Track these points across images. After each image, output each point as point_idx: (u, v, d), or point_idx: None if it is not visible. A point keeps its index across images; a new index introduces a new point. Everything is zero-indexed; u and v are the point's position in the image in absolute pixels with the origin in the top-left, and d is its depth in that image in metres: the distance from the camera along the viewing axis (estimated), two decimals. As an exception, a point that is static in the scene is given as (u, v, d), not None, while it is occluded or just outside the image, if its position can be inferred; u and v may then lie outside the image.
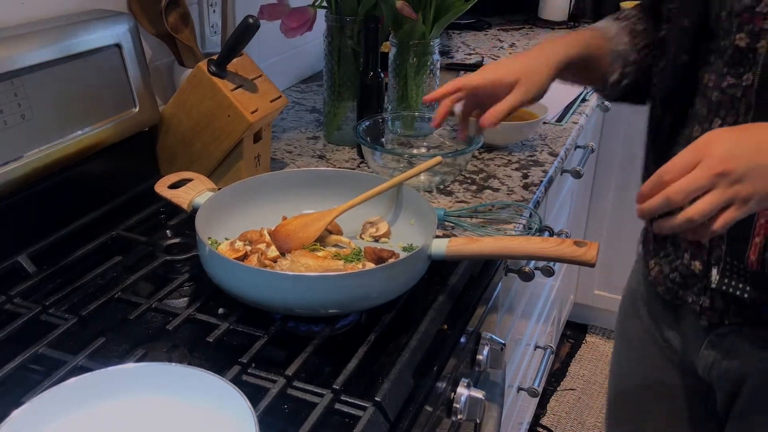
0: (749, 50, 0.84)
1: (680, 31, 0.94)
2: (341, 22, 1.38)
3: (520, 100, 0.97)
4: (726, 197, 0.71)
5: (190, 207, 0.98)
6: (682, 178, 0.72)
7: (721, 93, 0.87)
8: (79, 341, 0.84)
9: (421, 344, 0.85)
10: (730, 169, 0.71)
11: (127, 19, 1.14)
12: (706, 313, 0.94)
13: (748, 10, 0.84)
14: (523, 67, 0.98)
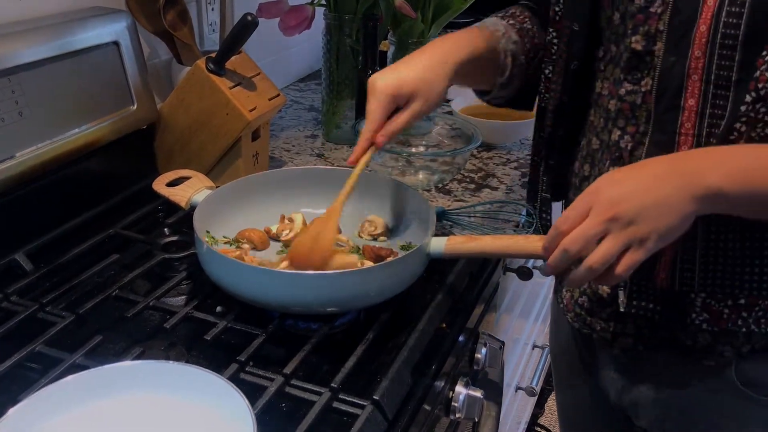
0: (646, 53, 0.81)
1: (570, 37, 0.91)
2: (340, 20, 1.38)
3: (418, 113, 0.91)
4: (622, 241, 0.72)
5: (187, 205, 0.98)
6: (576, 227, 0.73)
7: (619, 101, 0.85)
8: (76, 339, 0.83)
9: (420, 343, 0.85)
10: (620, 212, 0.71)
11: (125, 17, 1.13)
12: (618, 340, 0.92)
13: (642, 11, 0.81)
14: (420, 77, 0.90)
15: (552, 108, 0.95)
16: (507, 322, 1.46)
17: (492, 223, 1.16)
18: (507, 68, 1.01)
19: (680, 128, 0.80)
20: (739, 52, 0.74)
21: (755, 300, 0.83)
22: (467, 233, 1.13)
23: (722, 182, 0.71)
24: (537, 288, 1.83)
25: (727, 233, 0.81)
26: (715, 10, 0.74)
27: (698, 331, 0.86)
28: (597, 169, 0.90)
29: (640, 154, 0.84)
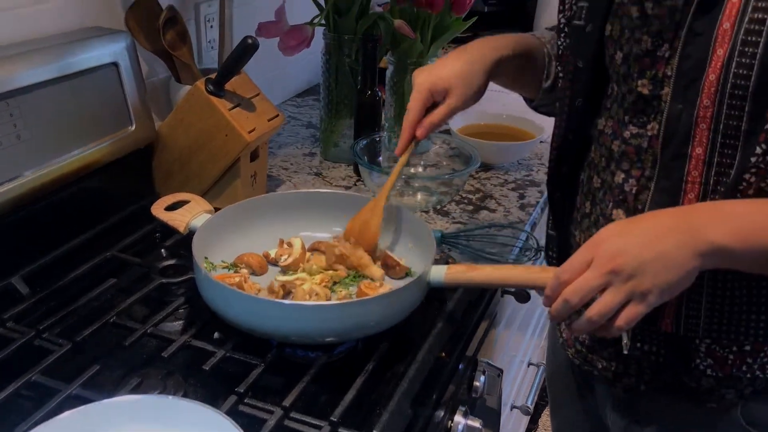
0: (653, 97, 0.80)
1: (574, 74, 0.91)
2: (339, 40, 1.38)
3: (454, 108, 0.94)
4: (622, 295, 0.72)
5: (186, 230, 0.98)
6: (577, 279, 0.73)
7: (624, 143, 0.84)
8: (73, 368, 0.83)
9: (419, 374, 0.84)
10: (622, 265, 0.71)
11: (125, 37, 1.13)
12: (620, 380, 0.92)
13: (649, 54, 0.80)
14: (458, 72, 0.93)
15: (556, 146, 0.95)
16: (504, 340, 1.45)
17: (490, 247, 1.16)
18: (552, 72, 1.02)
19: (687, 176, 0.78)
20: (749, 104, 0.73)
21: (761, 346, 0.83)
22: (465, 258, 1.13)
23: (726, 239, 0.71)
24: (533, 305, 1.83)
25: (733, 281, 0.80)
26: (725, 60, 0.73)
27: (702, 375, 0.85)
28: (599, 209, 0.90)
29: (645, 199, 0.83)
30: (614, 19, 0.86)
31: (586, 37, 0.89)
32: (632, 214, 0.85)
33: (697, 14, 0.76)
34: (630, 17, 0.83)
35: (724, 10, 0.74)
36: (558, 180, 0.97)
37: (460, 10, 1.42)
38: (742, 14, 0.73)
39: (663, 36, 0.79)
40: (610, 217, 0.87)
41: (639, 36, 0.82)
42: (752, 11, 0.72)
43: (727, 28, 0.74)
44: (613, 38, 0.86)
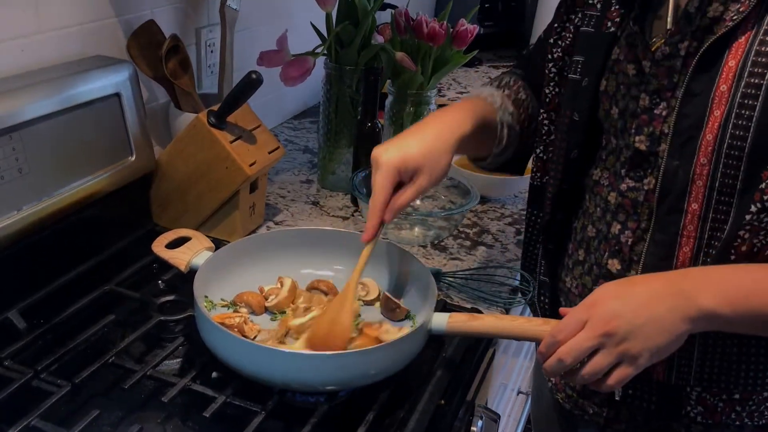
0: (650, 153, 0.82)
1: (569, 126, 0.92)
2: (341, 71, 1.38)
3: (423, 188, 0.90)
4: (613, 357, 0.74)
5: (187, 268, 0.97)
6: (572, 339, 0.75)
7: (620, 195, 0.86)
8: (72, 411, 0.83)
9: (420, 424, 0.84)
10: (614, 329, 0.73)
11: (127, 67, 1.12)
12: (612, 426, 0.93)
13: (647, 111, 0.82)
14: (424, 152, 0.89)
15: (551, 195, 0.96)
16: (498, 367, 1.46)
17: (488, 287, 1.17)
18: (504, 138, 1.03)
19: (683, 230, 0.81)
20: (744, 163, 0.75)
21: (749, 395, 0.85)
22: (462, 297, 1.13)
23: (716, 305, 0.73)
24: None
25: (724, 333, 0.82)
26: (722, 120, 0.75)
27: (692, 422, 0.88)
28: (593, 257, 0.91)
29: (640, 250, 0.85)
30: (610, 75, 0.88)
31: (582, 91, 0.91)
32: (628, 265, 0.87)
33: (695, 75, 0.78)
34: (626, 74, 0.86)
35: (722, 73, 0.76)
36: (552, 228, 0.98)
37: (460, 43, 1.43)
38: (739, 77, 0.75)
39: (660, 95, 0.81)
40: (605, 266, 0.89)
41: (636, 93, 0.84)
42: (749, 75, 0.74)
43: (724, 90, 0.76)
44: (608, 93, 0.88)
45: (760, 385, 0.84)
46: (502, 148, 1.04)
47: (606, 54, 0.88)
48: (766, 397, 0.86)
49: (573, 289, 0.96)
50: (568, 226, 0.98)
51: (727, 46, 0.76)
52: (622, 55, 0.86)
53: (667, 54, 0.80)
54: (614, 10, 0.88)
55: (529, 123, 1.06)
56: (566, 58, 0.95)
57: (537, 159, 1.01)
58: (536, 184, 1.02)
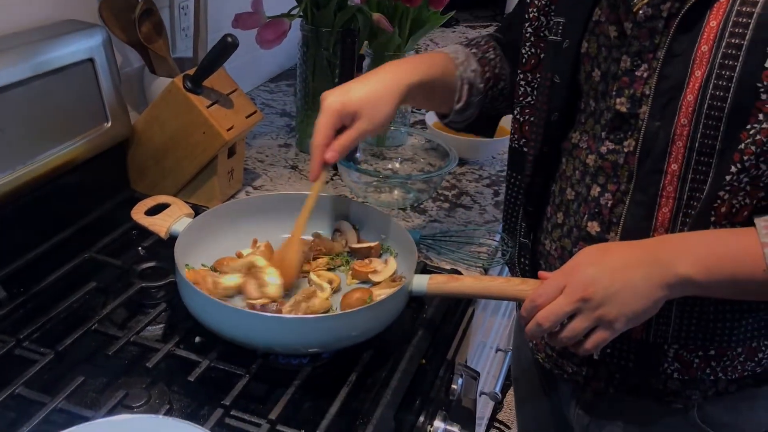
0: (630, 116, 0.83)
1: (550, 89, 0.93)
2: (317, 33, 1.36)
3: (363, 131, 0.90)
4: (590, 322, 0.77)
5: (167, 235, 0.97)
6: (550, 303, 0.78)
7: (600, 158, 0.87)
8: (56, 379, 0.83)
9: (402, 383, 0.86)
10: (590, 294, 0.76)
11: (100, 31, 1.10)
12: (590, 384, 0.96)
13: (627, 73, 0.82)
14: (366, 96, 0.90)
15: (531, 158, 0.97)
16: (477, 324, 1.48)
17: (467, 248, 1.18)
18: (464, 95, 1.03)
19: (662, 191, 0.82)
20: (724, 123, 0.76)
21: (724, 351, 0.88)
22: (443, 258, 1.15)
23: (692, 271, 0.76)
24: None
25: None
26: (703, 80, 0.76)
27: (669, 378, 0.90)
28: (573, 220, 0.92)
29: (620, 212, 0.86)
30: (591, 37, 0.88)
31: (563, 53, 0.91)
32: (607, 227, 0.88)
33: (676, 36, 0.78)
34: (608, 36, 0.85)
35: (703, 33, 0.76)
36: (533, 191, 0.99)
37: (438, 4, 1.42)
38: (719, 38, 0.75)
39: (641, 56, 0.81)
40: (584, 228, 0.90)
41: (617, 55, 0.84)
42: (729, 36, 0.75)
43: (705, 50, 0.76)
44: (590, 56, 0.88)
45: (734, 341, 0.87)
46: (462, 105, 1.03)
47: (587, 15, 0.88)
48: (740, 352, 0.88)
49: (552, 252, 0.98)
50: (548, 188, 0.99)
51: (709, 7, 0.76)
52: (604, 16, 0.86)
53: (649, 15, 0.80)
54: None
55: (494, 83, 1.06)
56: (542, 18, 0.95)
57: (515, 121, 1.01)
58: (515, 147, 1.02)
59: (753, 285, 0.76)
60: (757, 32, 0.73)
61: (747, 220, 0.79)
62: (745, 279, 0.76)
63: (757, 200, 0.79)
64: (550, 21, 0.94)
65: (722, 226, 0.80)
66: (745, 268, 0.76)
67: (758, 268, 0.75)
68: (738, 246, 0.77)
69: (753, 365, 0.89)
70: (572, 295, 0.77)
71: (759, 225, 0.77)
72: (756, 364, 0.89)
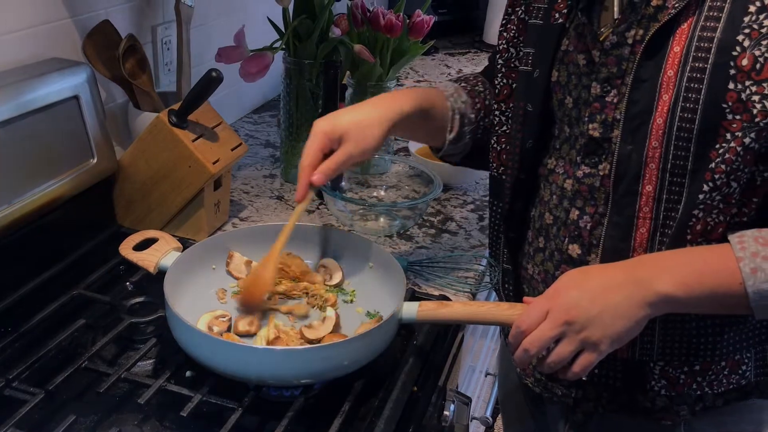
0: (603, 140, 0.85)
1: (524, 117, 0.95)
2: (300, 65, 1.38)
3: (349, 155, 0.91)
4: (575, 345, 0.79)
5: (156, 269, 0.97)
6: (535, 329, 0.79)
7: (576, 182, 0.89)
8: (47, 418, 0.83)
9: (395, 412, 0.86)
10: (574, 317, 0.78)
11: (84, 69, 1.11)
12: (579, 405, 0.97)
13: (598, 99, 0.85)
14: (354, 121, 0.92)
15: (509, 185, 0.99)
16: (466, 350, 1.49)
17: (454, 273, 1.19)
18: (456, 125, 1.05)
19: (638, 212, 0.84)
20: (693, 144, 0.79)
21: (708, 365, 0.89)
22: (431, 285, 1.16)
23: (672, 288, 0.77)
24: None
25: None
26: (671, 104, 0.79)
27: (656, 395, 0.91)
28: (553, 244, 0.94)
29: (599, 234, 0.88)
30: (561, 66, 0.91)
31: (534, 82, 0.93)
32: (587, 249, 0.90)
33: (642, 62, 0.81)
34: (577, 65, 0.88)
35: (668, 59, 0.80)
36: (513, 218, 1.01)
37: (417, 34, 1.45)
38: (684, 62, 0.78)
39: (610, 82, 0.84)
40: (566, 252, 0.92)
41: (587, 82, 0.87)
42: (693, 60, 0.78)
43: (671, 75, 0.79)
44: (561, 84, 0.91)
45: (717, 355, 0.89)
46: (455, 136, 1.05)
47: (555, 45, 0.91)
48: (723, 366, 0.90)
49: (536, 276, 0.99)
50: (528, 214, 1.00)
51: (672, 33, 0.79)
52: (572, 45, 0.89)
53: (615, 43, 0.83)
54: (561, 1, 0.90)
55: (485, 113, 1.08)
56: (511, 49, 0.98)
57: (492, 150, 1.03)
58: (494, 175, 1.04)
59: (731, 299, 0.78)
60: (719, 56, 0.76)
61: (722, 237, 0.81)
62: (723, 293, 0.78)
63: (730, 217, 0.81)
64: (519, 52, 0.97)
65: (698, 244, 0.82)
66: (723, 283, 0.77)
67: (735, 282, 0.77)
68: (715, 261, 0.79)
69: (737, 377, 0.91)
70: (556, 319, 0.78)
71: (733, 241, 0.79)
72: (740, 376, 0.91)
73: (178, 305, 0.89)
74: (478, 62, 2.46)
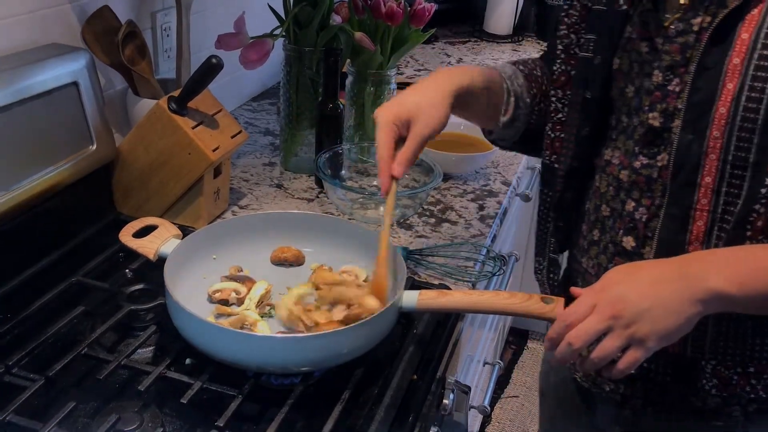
0: (663, 130, 0.83)
1: (582, 105, 0.93)
2: (300, 52, 1.38)
3: (422, 137, 0.90)
4: (622, 341, 0.76)
5: (156, 257, 0.97)
6: (581, 323, 0.76)
7: (633, 173, 0.87)
8: (47, 405, 0.83)
9: (395, 400, 0.87)
10: (622, 312, 0.75)
11: (84, 55, 1.10)
12: (628, 402, 0.94)
13: (660, 88, 0.83)
14: (417, 102, 0.91)
15: (563, 173, 0.96)
16: (465, 338, 1.49)
17: (454, 263, 1.19)
18: (510, 108, 1.02)
19: (696, 204, 0.82)
20: (757, 135, 0.76)
21: (764, 368, 0.86)
22: (430, 273, 1.16)
23: (725, 285, 0.74)
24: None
25: None
26: (735, 93, 0.76)
27: (708, 395, 0.88)
28: (608, 236, 0.91)
29: (655, 226, 0.86)
30: (623, 54, 0.88)
31: (594, 69, 0.91)
32: (642, 241, 0.88)
33: (708, 49, 0.79)
34: (639, 52, 0.86)
35: (734, 46, 0.77)
36: (563, 207, 0.98)
37: (418, 22, 1.44)
38: (752, 50, 0.76)
39: (674, 71, 0.82)
40: (620, 244, 0.90)
41: (649, 70, 0.84)
42: (762, 48, 0.75)
43: (737, 63, 0.77)
44: (623, 71, 0.89)
45: None
46: (509, 118, 1.02)
47: (619, 32, 0.88)
48: None
49: (590, 270, 0.96)
50: (579, 204, 0.98)
51: (741, 19, 0.77)
52: (635, 33, 0.86)
53: (680, 30, 0.81)
54: None
55: (541, 99, 1.05)
56: (572, 35, 0.95)
57: (546, 137, 1.00)
58: (546, 163, 1.01)
59: None
60: None
61: None
62: None
63: None
64: (580, 38, 0.94)
65: (759, 241, 0.79)
66: None
67: None
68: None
69: None
70: (603, 313, 0.75)
71: None
72: None
73: (177, 292, 0.89)
74: (478, 51, 2.45)
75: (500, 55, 2.43)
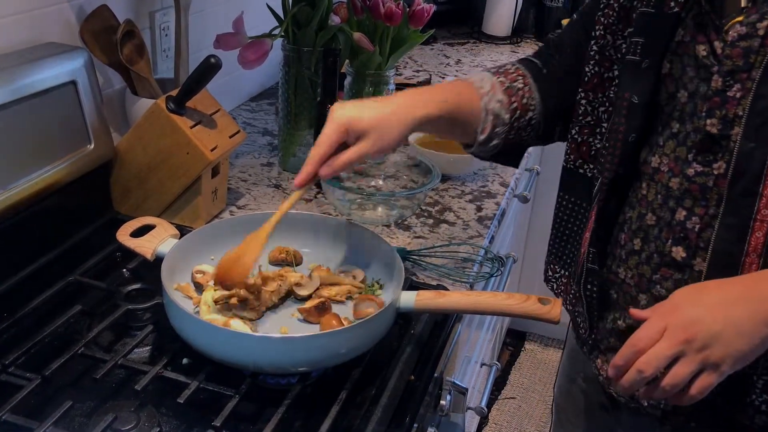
0: (722, 137, 0.80)
1: (629, 110, 0.89)
2: (299, 52, 1.37)
3: (364, 153, 0.88)
4: (695, 365, 0.73)
5: (153, 256, 0.97)
6: (651, 348, 0.73)
7: (686, 180, 0.84)
8: (43, 404, 0.82)
9: (392, 401, 0.86)
10: (695, 335, 0.72)
11: (82, 53, 1.10)
12: (669, 418, 0.90)
13: (719, 94, 0.79)
14: (377, 119, 0.89)
15: (607, 180, 0.92)
16: (462, 340, 1.49)
17: (452, 263, 1.19)
18: (488, 126, 0.99)
19: (756, 214, 0.79)
20: None
21: None
22: (428, 274, 1.16)
23: None
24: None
25: None
26: None
27: (757, 412, 0.86)
28: (653, 246, 0.88)
29: (708, 237, 0.83)
30: (674, 57, 0.85)
31: (642, 73, 0.87)
32: (693, 252, 0.84)
33: None
34: (693, 56, 0.83)
35: None
36: (606, 216, 0.94)
37: (417, 22, 1.44)
38: None
39: (734, 76, 0.79)
40: (668, 254, 0.86)
41: (706, 75, 0.81)
42: None
43: None
44: (674, 76, 0.86)
45: None
46: (486, 137, 0.99)
47: (669, 35, 0.85)
48: None
49: (628, 280, 0.92)
50: (619, 213, 0.94)
51: None
52: (688, 36, 0.83)
53: (743, 34, 0.77)
54: None
55: (522, 113, 1.01)
56: (608, 36, 0.92)
57: (571, 141, 0.97)
58: (570, 168, 0.98)
59: None
60: None
61: None
62: None
63: None
64: (617, 40, 0.91)
65: None
66: None
67: None
68: None
69: None
70: (675, 336, 0.73)
71: None
72: None
73: (175, 292, 0.89)
74: (476, 53, 2.45)
75: (499, 56, 2.44)
